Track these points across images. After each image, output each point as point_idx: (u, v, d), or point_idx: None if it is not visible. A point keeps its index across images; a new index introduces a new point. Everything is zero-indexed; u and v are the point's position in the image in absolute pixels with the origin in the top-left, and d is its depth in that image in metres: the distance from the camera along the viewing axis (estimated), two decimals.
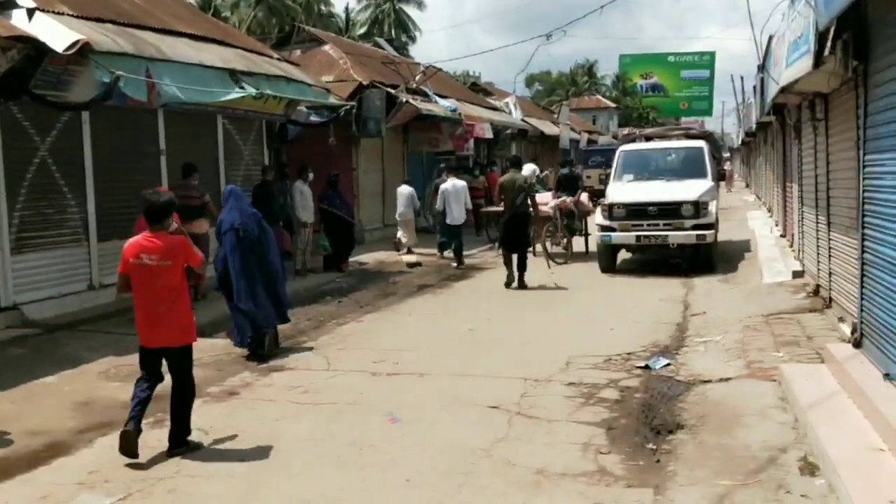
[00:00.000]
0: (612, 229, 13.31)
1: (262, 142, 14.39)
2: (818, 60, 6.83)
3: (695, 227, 12.81)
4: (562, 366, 7.64)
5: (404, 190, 16.49)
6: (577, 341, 8.59)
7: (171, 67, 10.15)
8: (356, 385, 7.16)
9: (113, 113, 10.37)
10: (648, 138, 16.84)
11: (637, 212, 13.21)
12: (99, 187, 10.74)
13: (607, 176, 17.62)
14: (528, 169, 17.01)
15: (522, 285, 12.19)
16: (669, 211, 12.99)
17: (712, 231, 12.97)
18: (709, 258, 13.18)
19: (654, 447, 5.44)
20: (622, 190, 14.03)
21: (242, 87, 11.44)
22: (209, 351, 8.51)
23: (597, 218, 13.79)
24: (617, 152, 15.79)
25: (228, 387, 7.21)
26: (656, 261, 14.40)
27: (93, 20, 9.80)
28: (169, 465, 5.34)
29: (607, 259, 13.80)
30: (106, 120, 10.59)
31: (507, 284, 12.26)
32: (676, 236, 12.95)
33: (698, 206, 12.83)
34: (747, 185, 41.57)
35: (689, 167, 14.40)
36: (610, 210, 13.40)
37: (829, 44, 6.53)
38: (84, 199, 10.59)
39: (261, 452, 5.51)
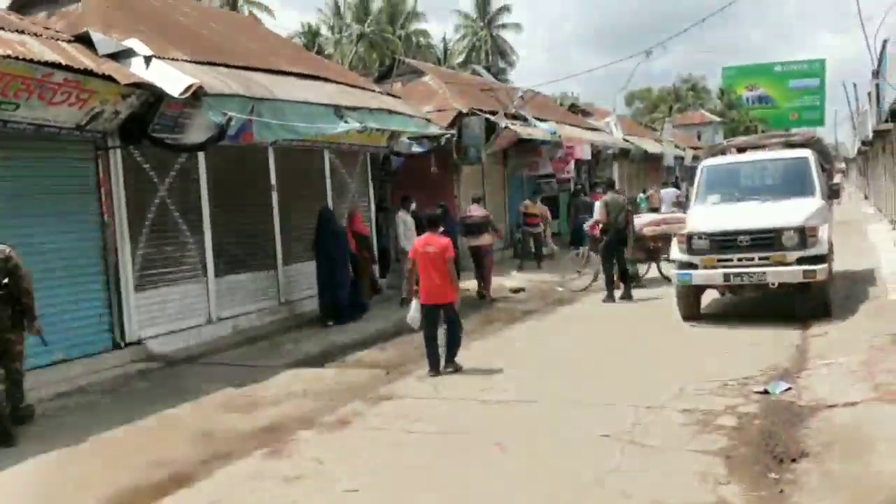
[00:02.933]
0: (693, 265, 10.54)
1: (367, 174, 14.75)
2: None
3: (801, 261, 9.99)
4: (675, 392, 7.42)
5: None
6: (690, 365, 8.34)
7: (279, 106, 10.58)
8: (464, 413, 7.18)
9: (226, 152, 10.85)
10: (741, 150, 13.31)
11: (724, 243, 10.40)
12: (215, 225, 11.26)
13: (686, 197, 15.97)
14: (671, 193, 19.57)
15: (628, 295, 12.92)
16: (766, 241, 10.15)
17: (824, 265, 10.00)
18: (822, 300, 10.22)
19: (777, 477, 5.20)
20: (705, 215, 11.14)
21: (347, 122, 11.78)
22: (320, 381, 8.72)
23: (673, 251, 11.00)
24: (699, 168, 12.80)
25: (341, 416, 7.33)
26: (757, 301, 11.53)
27: (205, 64, 10.36)
28: (286, 494, 5.47)
29: (688, 303, 10.93)
30: (220, 159, 11.10)
31: (606, 299, 12.74)
32: (777, 273, 10.04)
33: (804, 234, 10.01)
34: (866, 197, 39.55)
35: (791, 183, 11.49)
36: (689, 241, 10.58)
37: None
38: (201, 236, 11.11)
39: (372, 482, 5.57)
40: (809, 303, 10.21)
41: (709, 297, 11.64)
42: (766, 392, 7.15)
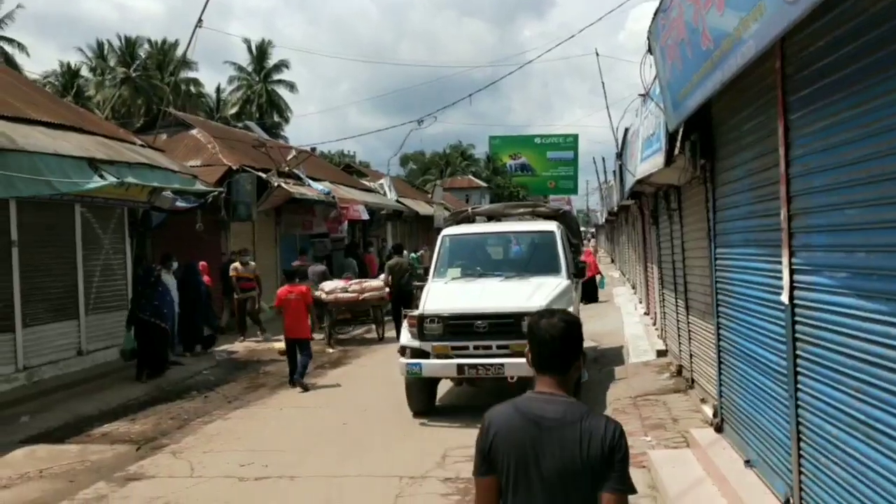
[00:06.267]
0: (424, 354, 9.05)
1: (123, 229, 13.78)
2: (669, 158, 7.25)
3: None
4: (437, 459, 7.53)
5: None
6: (454, 431, 8.51)
7: (23, 157, 9.65)
8: (222, 493, 6.78)
9: None
10: (490, 217, 12.50)
11: (459, 327, 9.01)
12: None
13: (425, 270, 14.04)
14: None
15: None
16: (505, 326, 8.81)
17: None
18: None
19: None
20: (440, 294, 9.70)
21: (102, 176, 10.99)
22: (60, 459, 7.91)
23: (403, 336, 9.54)
24: (439, 237, 11.29)
25: (81, 501, 6.66)
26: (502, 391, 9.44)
27: None
28: None
29: (419, 397, 9.34)
30: None
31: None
32: (515, 365, 8.48)
33: None
34: (612, 261, 43.33)
35: (537, 259, 10.61)
36: (420, 324, 9.09)
37: (678, 143, 6.95)
38: None
39: None
40: None
41: (447, 385, 10.42)
42: None
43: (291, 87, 52.97)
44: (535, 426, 2.51)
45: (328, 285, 15.68)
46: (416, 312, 9.31)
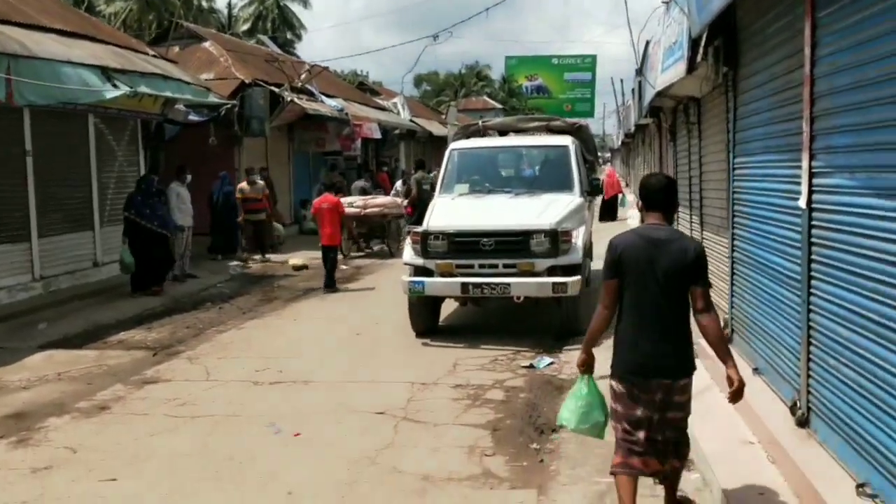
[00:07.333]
0: (428, 272, 8.76)
1: (137, 142, 13.75)
2: (691, 66, 7.08)
3: (551, 271, 8.42)
4: (449, 368, 7.64)
5: None
6: (466, 341, 8.61)
7: (36, 65, 9.56)
8: (236, 395, 6.91)
9: None
10: (502, 132, 11.83)
11: (465, 245, 8.61)
12: None
13: (431, 185, 13.70)
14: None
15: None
16: (513, 244, 8.49)
17: (577, 278, 8.41)
18: (571, 319, 8.52)
19: (538, 447, 5.49)
20: (446, 210, 9.27)
21: (115, 86, 10.89)
22: (78, 363, 8.07)
23: (406, 253, 9.15)
24: (447, 151, 10.76)
25: (99, 401, 6.80)
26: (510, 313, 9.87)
27: None
28: (33, 486, 4.97)
29: (422, 316, 9.08)
30: None
31: None
32: (523, 285, 8.35)
33: (557, 238, 8.38)
34: (627, 185, 43.01)
35: (549, 175, 10.15)
36: (424, 241, 8.72)
37: (701, 50, 6.78)
38: None
39: (133, 471, 5.21)
40: (559, 319, 8.76)
41: (451, 305, 10.06)
42: (531, 367, 7.54)
43: (305, 2, 51.82)
44: (651, 243, 3.90)
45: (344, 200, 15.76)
46: (419, 229, 8.91)
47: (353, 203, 15.73)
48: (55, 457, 5.47)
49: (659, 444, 3.96)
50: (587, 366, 4.16)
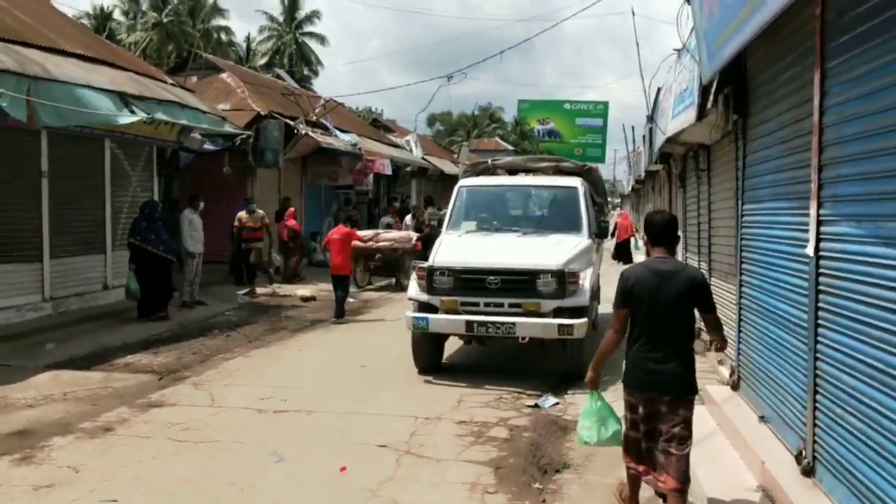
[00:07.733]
0: (433, 308, 8.74)
1: (152, 168, 13.92)
2: (702, 112, 7.17)
3: (557, 313, 8.33)
4: (453, 403, 7.63)
5: None
6: (470, 379, 8.60)
7: (55, 87, 9.73)
8: (240, 423, 6.92)
9: None
10: (512, 171, 11.64)
11: (470, 282, 8.55)
12: None
13: (439, 222, 13.51)
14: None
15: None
16: (519, 284, 8.43)
17: (584, 320, 8.26)
18: (577, 362, 8.24)
19: (541, 487, 5.46)
20: (453, 246, 9.22)
21: (133, 112, 11.07)
22: (83, 384, 8.10)
23: (410, 289, 9.19)
24: (455, 188, 10.68)
25: (103, 422, 6.82)
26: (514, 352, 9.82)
27: None
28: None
29: (426, 353, 8.98)
30: None
31: None
32: (527, 325, 8.28)
33: (563, 279, 8.32)
34: (637, 231, 43.06)
35: (557, 216, 10.09)
36: (429, 277, 8.69)
37: (711, 97, 6.88)
38: None
39: (134, 493, 5.20)
40: (565, 360, 8.71)
41: (455, 343, 9.85)
42: (536, 406, 7.53)
43: (322, 40, 52.65)
44: (659, 275, 4.43)
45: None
46: (425, 264, 8.87)
47: (364, 237, 15.84)
48: (57, 476, 5.48)
49: (660, 454, 4.44)
50: (594, 383, 4.79)
